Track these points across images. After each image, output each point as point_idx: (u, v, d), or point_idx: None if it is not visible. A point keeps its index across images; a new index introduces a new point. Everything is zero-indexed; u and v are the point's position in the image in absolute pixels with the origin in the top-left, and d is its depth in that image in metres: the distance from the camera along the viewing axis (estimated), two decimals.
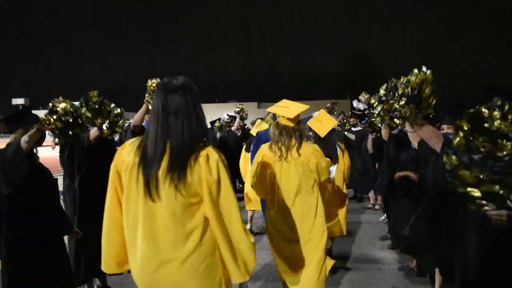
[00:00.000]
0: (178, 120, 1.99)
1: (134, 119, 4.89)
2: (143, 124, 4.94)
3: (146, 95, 4.85)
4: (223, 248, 2.04)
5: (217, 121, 9.24)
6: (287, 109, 3.41)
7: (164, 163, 1.96)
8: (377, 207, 8.37)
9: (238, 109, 9.60)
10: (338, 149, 5.03)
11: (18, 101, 55.92)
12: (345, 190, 4.92)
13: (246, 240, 2.06)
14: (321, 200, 3.47)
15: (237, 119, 9.66)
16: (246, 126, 10.68)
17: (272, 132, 3.49)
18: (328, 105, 10.44)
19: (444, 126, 3.91)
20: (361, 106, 9.20)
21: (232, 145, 9.14)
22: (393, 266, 5.20)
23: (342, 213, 4.81)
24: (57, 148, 4.21)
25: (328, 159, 3.59)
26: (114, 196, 2.14)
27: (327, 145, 4.06)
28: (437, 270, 3.85)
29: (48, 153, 12.07)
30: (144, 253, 2.00)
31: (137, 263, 2.05)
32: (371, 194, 8.67)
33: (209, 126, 8.26)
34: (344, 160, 5.19)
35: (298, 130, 3.42)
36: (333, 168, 4.41)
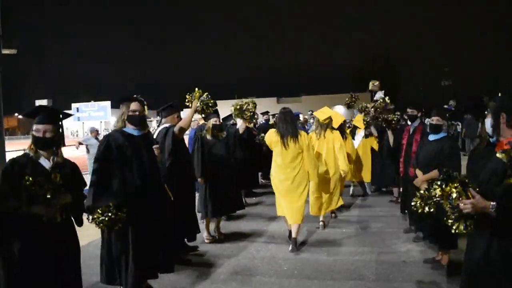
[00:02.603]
0: (290, 123, 5.70)
1: (184, 124, 5.14)
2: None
3: (196, 100, 5.28)
4: (307, 166, 5.68)
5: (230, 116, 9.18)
6: (322, 113, 6.91)
7: (288, 137, 5.59)
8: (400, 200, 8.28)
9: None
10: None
11: (42, 102, 57.01)
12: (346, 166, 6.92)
13: (315, 165, 5.86)
14: (337, 158, 6.80)
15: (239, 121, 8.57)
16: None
17: (315, 125, 7.10)
18: (347, 99, 10.40)
19: (434, 118, 4.67)
20: (381, 94, 9.18)
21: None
22: (418, 259, 5.14)
23: (338, 189, 6.93)
24: (81, 147, 4.28)
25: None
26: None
27: (342, 133, 7.26)
28: None
29: (72, 153, 12.30)
30: (287, 167, 5.66)
31: (280, 173, 5.74)
32: (394, 188, 8.60)
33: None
34: (347, 143, 7.84)
35: (326, 125, 6.83)
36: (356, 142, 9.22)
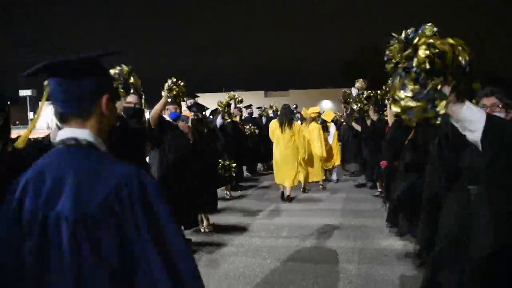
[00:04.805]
0: (287, 115, 8.69)
1: (151, 114, 5.11)
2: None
3: (166, 91, 5.13)
4: (297, 143, 8.58)
5: (217, 109, 9.35)
6: (309, 110, 9.89)
7: (285, 125, 8.51)
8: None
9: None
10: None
11: (26, 92, 55.98)
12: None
13: (303, 145, 8.74)
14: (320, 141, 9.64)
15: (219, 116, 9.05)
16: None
17: (303, 117, 10.18)
18: (346, 90, 10.64)
19: None
20: (354, 92, 9.30)
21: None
22: (400, 253, 5.22)
23: (318, 164, 9.63)
24: None
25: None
26: (273, 138, 8.85)
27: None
28: None
29: None
30: (283, 145, 8.57)
31: (278, 150, 8.68)
32: (378, 182, 8.66)
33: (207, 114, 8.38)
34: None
35: (311, 118, 9.72)
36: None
